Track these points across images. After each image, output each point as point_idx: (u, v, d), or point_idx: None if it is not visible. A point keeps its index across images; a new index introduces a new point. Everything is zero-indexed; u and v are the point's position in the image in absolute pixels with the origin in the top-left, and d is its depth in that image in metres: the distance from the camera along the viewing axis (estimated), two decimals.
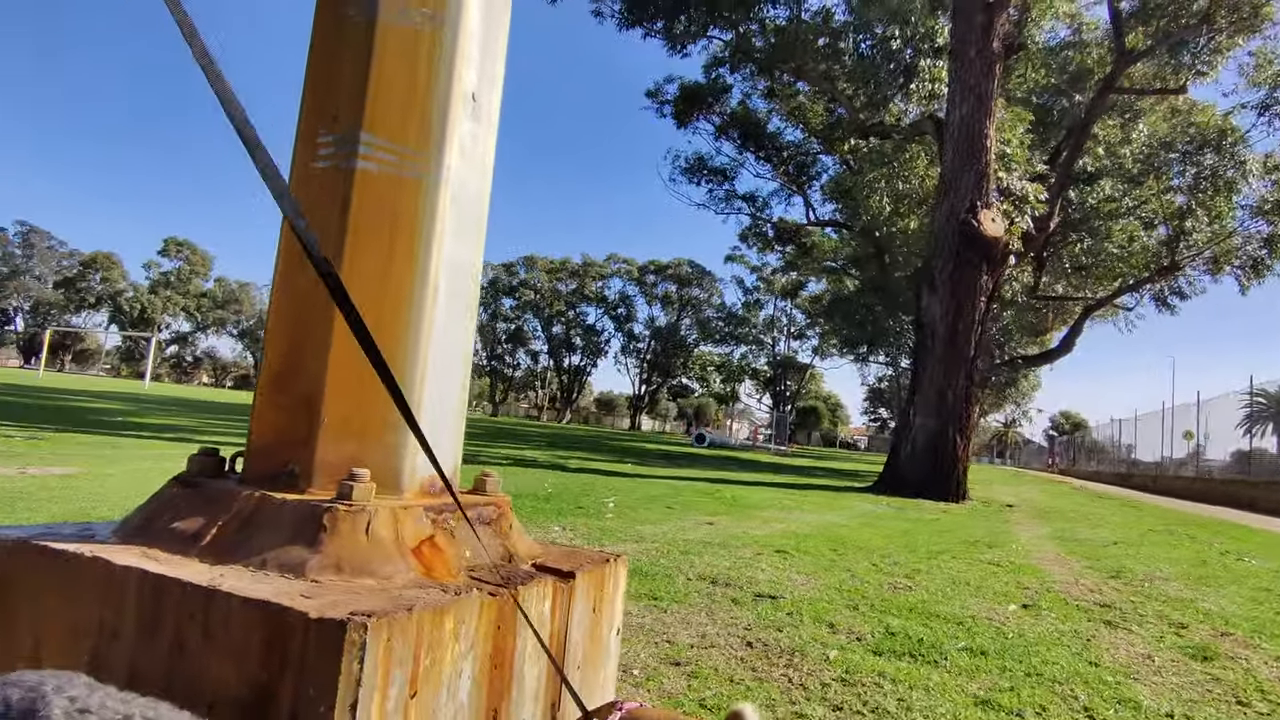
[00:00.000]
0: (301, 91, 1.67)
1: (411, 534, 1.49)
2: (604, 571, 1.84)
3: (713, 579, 3.81)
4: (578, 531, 5.00)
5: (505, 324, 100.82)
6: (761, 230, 35.12)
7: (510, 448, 16.28)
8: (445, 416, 1.71)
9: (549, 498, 6.96)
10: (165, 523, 1.48)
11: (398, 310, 1.60)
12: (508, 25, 1.87)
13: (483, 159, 1.79)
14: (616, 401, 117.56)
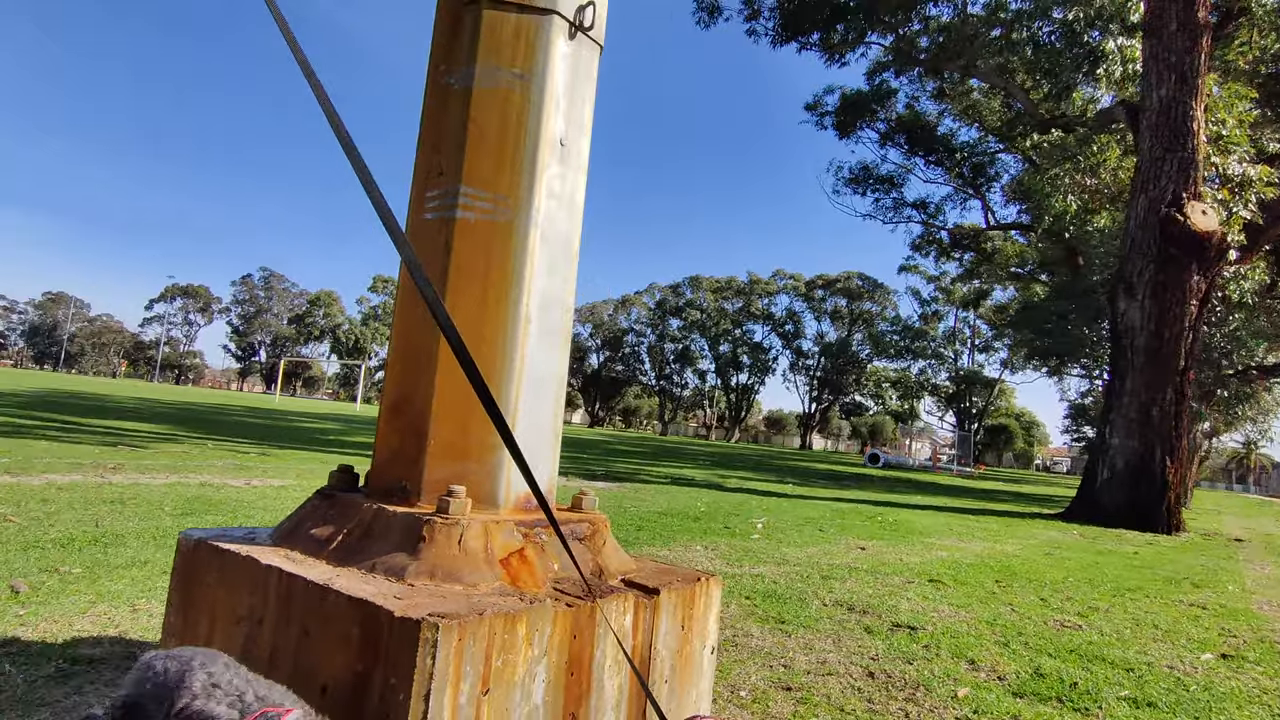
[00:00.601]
0: (415, 153, 1.91)
1: (501, 546, 1.64)
2: (694, 590, 1.88)
3: (850, 605, 3.68)
4: (719, 552, 5.02)
5: (672, 344, 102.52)
6: (935, 238, 33.19)
7: (672, 466, 16.54)
8: (540, 438, 1.86)
9: (699, 517, 7.02)
10: (306, 529, 1.74)
11: (493, 342, 1.77)
12: (595, 74, 2.01)
13: (571, 198, 1.93)
14: (786, 420, 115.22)
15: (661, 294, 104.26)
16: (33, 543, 3.38)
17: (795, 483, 14.31)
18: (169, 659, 1.27)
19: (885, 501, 11.47)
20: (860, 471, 25.47)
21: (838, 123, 26.96)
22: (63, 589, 2.73)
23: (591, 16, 1.93)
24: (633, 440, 39.79)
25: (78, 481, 5.42)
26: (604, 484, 9.92)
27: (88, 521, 3.97)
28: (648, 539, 5.32)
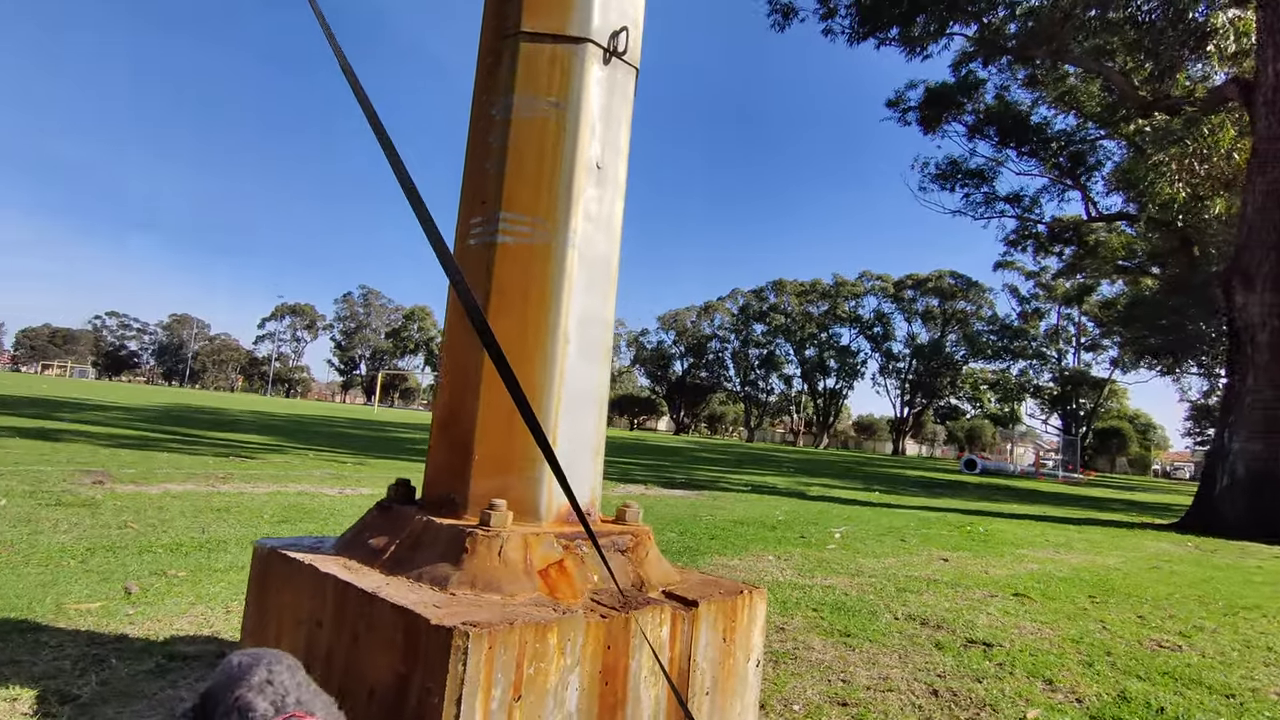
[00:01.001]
0: (461, 182, 2.01)
1: (540, 557, 1.70)
2: (735, 603, 1.89)
3: (922, 619, 3.56)
4: (791, 562, 4.95)
5: (757, 349, 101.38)
6: (1032, 232, 31.55)
7: (754, 474, 16.36)
8: (580, 452, 1.91)
9: (775, 526, 6.94)
10: (363, 539, 1.85)
11: (534, 360, 1.84)
12: (631, 96, 2.06)
13: (609, 219, 1.98)
14: (877, 425, 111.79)
15: (745, 299, 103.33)
16: (146, 547, 3.71)
17: (882, 490, 13.89)
18: (245, 656, 1.39)
19: (977, 510, 10.98)
20: (955, 478, 24.43)
21: (922, 118, 26.08)
22: (168, 590, 2.99)
23: (625, 41, 1.99)
24: (717, 447, 39.56)
25: (190, 490, 5.88)
26: (683, 492, 9.93)
27: (195, 528, 4.32)
28: (719, 548, 5.30)
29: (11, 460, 6.78)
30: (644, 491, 9.63)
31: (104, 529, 4.06)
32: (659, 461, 17.99)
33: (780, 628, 3.20)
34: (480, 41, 2.04)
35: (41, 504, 4.64)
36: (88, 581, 3.02)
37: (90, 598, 2.79)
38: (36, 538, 3.70)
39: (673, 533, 5.91)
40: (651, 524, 6.38)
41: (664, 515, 7.03)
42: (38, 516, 4.23)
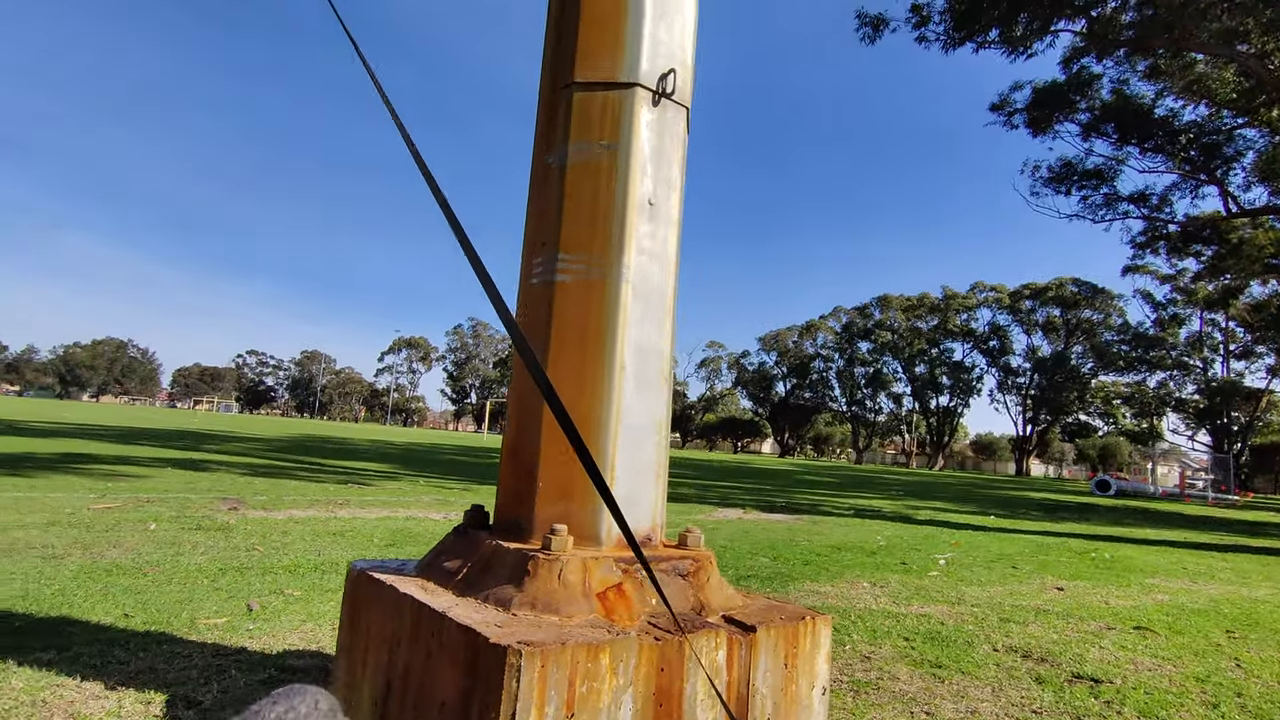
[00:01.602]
0: (524, 227, 2.14)
1: (599, 581, 1.77)
2: (797, 629, 1.88)
3: (1025, 652, 3.37)
4: (887, 589, 4.78)
5: (863, 368, 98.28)
6: (1163, 232, 29.15)
7: (859, 497, 15.84)
8: (641, 478, 1.98)
9: (875, 552, 6.71)
10: (440, 562, 1.99)
11: (592, 391, 1.93)
12: (681, 133, 2.14)
13: (663, 252, 2.06)
14: (997, 444, 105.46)
15: (848, 316, 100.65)
16: (269, 568, 4.05)
17: (999, 514, 13.12)
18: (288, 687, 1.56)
19: (1105, 535, 10.18)
20: (1085, 501, 22.69)
21: (1031, 119, 24.80)
22: (284, 608, 3.26)
23: (673, 82, 2.07)
24: (822, 469, 38.52)
25: (311, 516, 6.35)
26: (782, 516, 9.77)
27: (312, 551, 4.67)
28: (812, 574, 5.20)
29: (163, 488, 7.54)
30: (742, 515, 9.54)
31: (234, 551, 4.46)
32: (760, 485, 17.74)
33: (865, 656, 3.11)
34: (539, 94, 2.19)
35: (184, 528, 5.15)
36: (217, 599, 3.34)
37: (218, 614, 3.09)
38: (178, 559, 4.12)
39: (766, 558, 5.84)
40: (745, 549, 6.33)
41: (759, 540, 6.95)
42: (180, 540, 4.70)
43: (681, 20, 2.13)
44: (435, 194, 1.63)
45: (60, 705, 2.05)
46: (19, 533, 4.55)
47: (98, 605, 3.08)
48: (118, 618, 2.92)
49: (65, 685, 2.19)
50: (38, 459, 9.88)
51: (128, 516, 5.50)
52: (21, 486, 6.84)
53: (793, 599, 4.25)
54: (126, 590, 3.36)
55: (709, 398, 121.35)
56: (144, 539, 4.64)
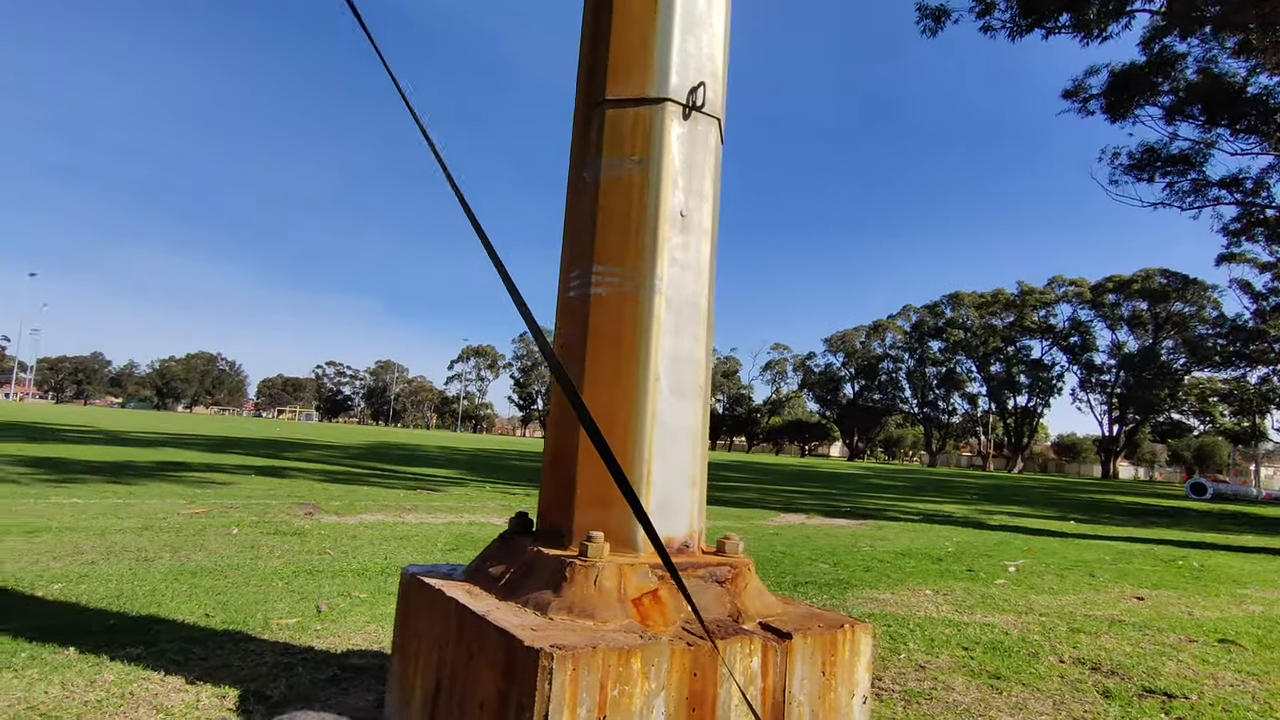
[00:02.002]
0: (561, 241, 2.21)
1: (634, 587, 1.81)
2: (835, 636, 1.88)
3: (1094, 664, 3.23)
4: (950, 597, 4.65)
5: (934, 368, 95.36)
6: (1259, 217, 27.29)
7: (930, 501, 15.39)
8: (677, 485, 2.01)
9: (941, 558, 6.52)
10: (485, 567, 2.06)
11: (628, 400, 1.97)
12: (714, 144, 2.16)
13: (696, 262, 2.09)
14: (1080, 445, 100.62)
15: (918, 315, 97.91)
16: (339, 571, 4.25)
17: (1079, 520, 12.54)
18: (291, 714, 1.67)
19: (1196, 542, 9.61)
20: (1177, 505, 21.44)
21: (1108, 105, 23.63)
22: (350, 609, 3.42)
23: (703, 95, 2.10)
24: (893, 473, 37.56)
25: (381, 521, 6.61)
26: (846, 521, 9.60)
27: (380, 555, 4.87)
28: (873, 581, 5.11)
29: (246, 494, 7.97)
30: (804, 520, 9.42)
31: (308, 555, 4.70)
32: (826, 489, 17.45)
33: (920, 666, 3.05)
34: (575, 112, 2.25)
35: (263, 533, 5.44)
36: (290, 600, 3.53)
37: (289, 614, 3.27)
38: (256, 562, 4.36)
39: (825, 564, 5.77)
40: (805, 555, 6.26)
41: (820, 546, 6.86)
42: (259, 544, 4.97)
43: (710, 33, 2.16)
44: (467, 213, 1.71)
45: (145, 697, 2.22)
46: (117, 536, 4.90)
47: (183, 605, 3.30)
48: (200, 617, 3.13)
49: (151, 679, 2.37)
50: (136, 467, 10.58)
51: (213, 521, 5.85)
52: (121, 493, 7.34)
53: (849, 607, 4.19)
54: (208, 591, 3.58)
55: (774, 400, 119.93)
56: (226, 543, 4.93)
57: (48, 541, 4.57)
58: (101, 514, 5.86)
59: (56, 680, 2.31)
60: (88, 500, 6.64)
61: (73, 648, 2.61)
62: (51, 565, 3.94)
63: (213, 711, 2.15)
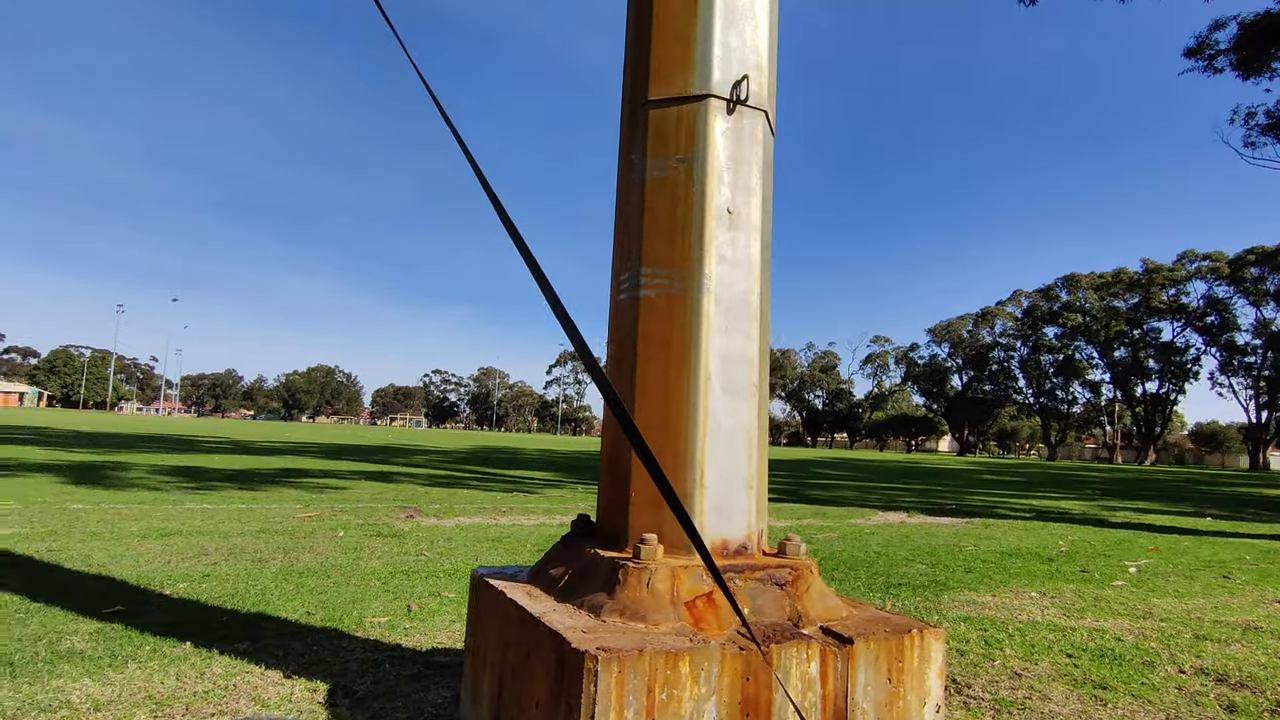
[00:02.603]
0: (612, 245, 2.22)
1: (688, 590, 1.79)
2: (902, 642, 1.80)
3: (1219, 675, 2.94)
4: (1058, 600, 4.35)
5: (1050, 355, 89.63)
6: None
7: (1045, 497, 14.46)
8: (732, 486, 1.97)
9: (1052, 558, 6.11)
10: (547, 569, 2.10)
11: (679, 401, 1.96)
12: (761, 137, 2.11)
13: (746, 259, 2.05)
14: (1224, 434, 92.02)
15: (1030, 300, 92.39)
16: (432, 572, 4.43)
17: (1217, 516, 11.48)
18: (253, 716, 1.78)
19: None
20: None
21: (1239, 60, 21.48)
22: (439, 609, 3.56)
23: (747, 88, 2.06)
24: (1006, 468, 35.57)
25: (476, 523, 6.85)
26: (949, 520, 9.17)
27: (471, 557, 5.04)
28: (973, 582, 4.85)
29: (355, 499, 8.45)
30: (905, 519, 9.07)
31: (404, 556, 4.93)
32: (930, 486, 16.73)
33: (1016, 673, 2.87)
34: (621, 114, 2.26)
35: (366, 535, 5.75)
36: (384, 600, 3.71)
37: (382, 613, 3.44)
38: (357, 563, 4.62)
39: (923, 564, 5.53)
40: (902, 555, 6.05)
41: (919, 546, 6.58)
42: (361, 545, 5.26)
43: (754, 24, 2.11)
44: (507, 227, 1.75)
45: (246, 690, 2.39)
46: (238, 539, 5.30)
47: (288, 603, 3.54)
48: (302, 615, 3.34)
49: (253, 673, 2.55)
50: (261, 474, 11.42)
51: (323, 524, 6.23)
52: (245, 499, 7.94)
53: (943, 610, 4.00)
54: (312, 591, 3.82)
55: (876, 395, 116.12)
56: (333, 545, 5.24)
57: (178, 544, 5.00)
58: (227, 518, 6.35)
59: (173, 672, 2.52)
60: (216, 505, 7.23)
61: (189, 642, 2.84)
62: (180, 566, 4.30)
63: (304, 704, 2.29)
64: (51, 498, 7.28)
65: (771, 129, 2.21)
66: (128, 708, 2.21)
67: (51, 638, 2.84)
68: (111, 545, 4.85)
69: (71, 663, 2.57)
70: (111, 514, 6.30)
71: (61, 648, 2.72)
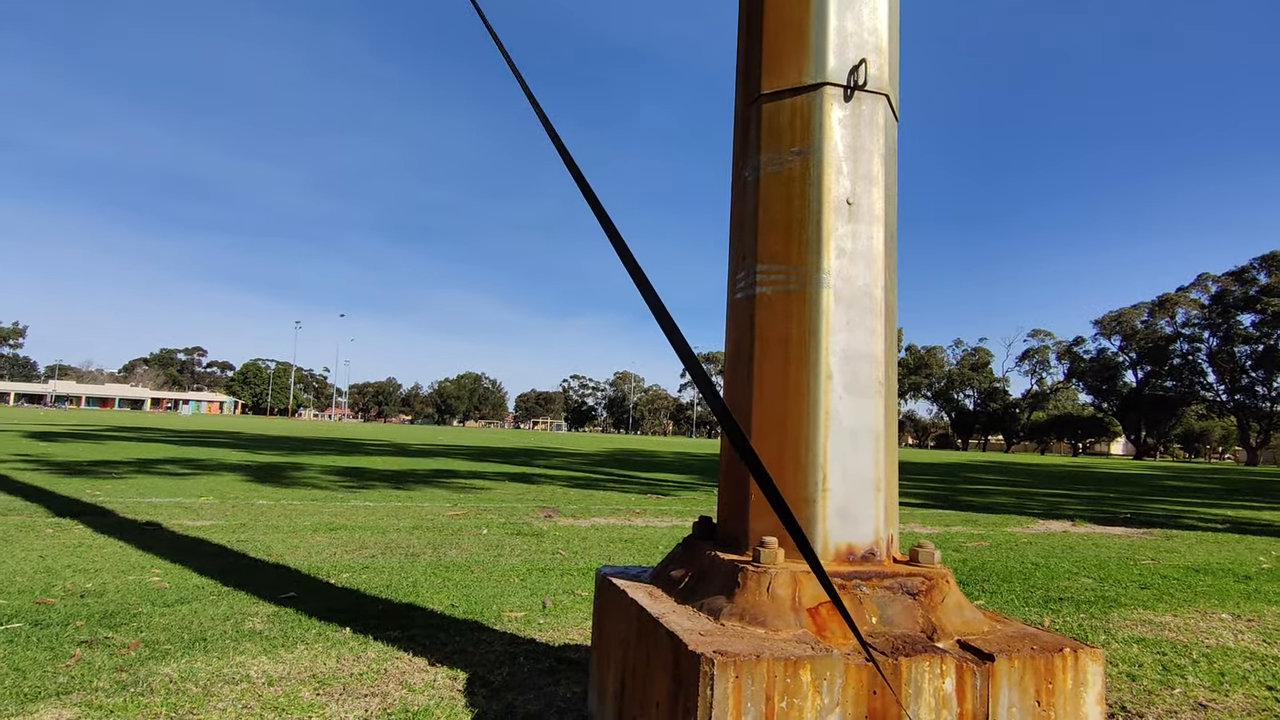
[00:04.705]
0: (728, 244, 2.19)
1: (810, 596, 1.73)
2: (1052, 661, 1.64)
3: None
4: (1257, 625, 3.80)
5: (1246, 346, 79.14)
6: None
7: (1242, 507, 12.73)
8: (858, 490, 1.88)
9: (1251, 576, 5.33)
10: (668, 570, 2.10)
11: (799, 401, 1.90)
12: (882, 121, 2.01)
13: (868, 251, 1.95)
14: None
15: (1219, 285, 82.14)
16: (567, 570, 4.57)
17: None
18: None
19: None
20: None
21: None
22: (572, 606, 3.66)
23: (865, 73, 1.97)
24: (1194, 473, 31.75)
25: (611, 524, 6.99)
26: (1121, 530, 8.31)
27: (605, 556, 5.15)
28: (1149, 600, 4.36)
29: (499, 499, 8.88)
30: (1069, 528, 8.32)
31: (542, 554, 5.11)
32: (1101, 492, 15.23)
33: (1200, 704, 2.54)
34: (735, 113, 2.23)
35: (508, 534, 6.02)
36: (521, 595, 3.86)
37: (519, 608, 3.58)
38: (498, 560, 4.84)
39: (1089, 578, 5.04)
40: (1065, 568, 5.59)
41: (1085, 558, 6.01)
42: (503, 544, 5.51)
43: (871, 6, 2.02)
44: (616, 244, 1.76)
45: (395, 674, 2.57)
46: (394, 535, 5.72)
47: (436, 596, 3.77)
48: (446, 607, 3.54)
49: (401, 659, 2.73)
50: (416, 474, 12.27)
51: (469, 523, 6.60)
52: (401, 498, 8.56)
53: (1112, 629, 3.62)
54: (457, 585, 4.05)
55: (1036, 394, 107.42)
56: (477, 542, 5.53)
57: (342, 538, 5.47)
58: (385, 515, 6.88)
59: (334, 654, 2.76)
60: (375, 504, 7.84)
61: (348, 628, 3.09)
62: (343, 558, 4.70)
63: (445, 691, 2.43)
64: (241, 494, 8.20)
65: (895, 113, 2.10)
66: (295, 685, 2.44)
67: (237, 618, 3.19)
68: (288, 537, 5.38)
69: (252, 641, 2.87)
70: (289, 509, 7.00)
71: (244, 628, 3.05)
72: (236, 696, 2.32)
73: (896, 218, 2.12)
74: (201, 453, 15.55)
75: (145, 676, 2.45)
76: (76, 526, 5.50)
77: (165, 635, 2.91)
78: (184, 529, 5.59)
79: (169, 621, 3.10)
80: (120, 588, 3.67)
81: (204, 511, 6.63)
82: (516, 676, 2.60)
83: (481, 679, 2.55)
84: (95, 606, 3.29)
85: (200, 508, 6.87)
